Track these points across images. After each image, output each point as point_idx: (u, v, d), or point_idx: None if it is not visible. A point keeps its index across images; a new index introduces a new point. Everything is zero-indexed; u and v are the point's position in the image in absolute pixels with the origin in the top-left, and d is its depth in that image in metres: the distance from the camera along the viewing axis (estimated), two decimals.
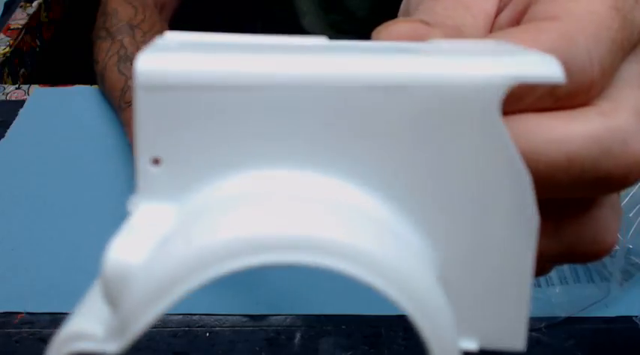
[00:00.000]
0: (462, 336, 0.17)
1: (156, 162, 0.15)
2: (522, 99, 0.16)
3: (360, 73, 0.15)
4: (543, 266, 0.20)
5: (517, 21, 0.19)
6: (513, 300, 0.16)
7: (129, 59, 0.57)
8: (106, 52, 0.59)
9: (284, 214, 0.14)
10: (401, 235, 0.15)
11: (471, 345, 0.17)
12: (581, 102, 0.17)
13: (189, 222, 0.15)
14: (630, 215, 0.46)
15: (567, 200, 0.18)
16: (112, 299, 0.15)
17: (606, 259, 0.46)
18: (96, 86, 0.64)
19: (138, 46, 0.58)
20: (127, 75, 0.56)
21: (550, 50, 0.16)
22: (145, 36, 0.59)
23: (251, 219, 0.14)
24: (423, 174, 0.15)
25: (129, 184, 0.53)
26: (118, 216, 0.58)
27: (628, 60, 0.18)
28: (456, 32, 0.19)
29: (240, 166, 0.15)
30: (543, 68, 0.15)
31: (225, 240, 0.14)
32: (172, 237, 0.15)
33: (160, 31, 0.60)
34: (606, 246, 0.19)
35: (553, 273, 0.46)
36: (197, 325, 0.43)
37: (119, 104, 0.55)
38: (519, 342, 0.17)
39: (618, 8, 0.17)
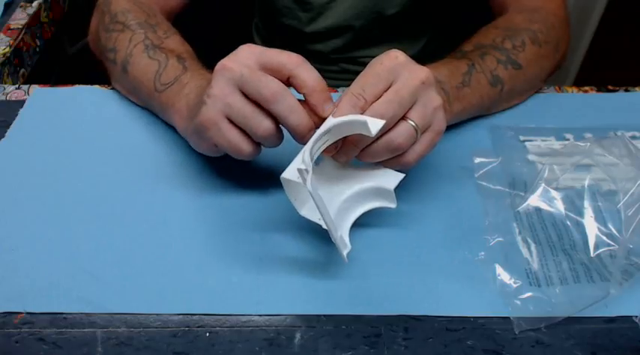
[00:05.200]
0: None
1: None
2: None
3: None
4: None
5: None
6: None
7: (157, 47, 0.56)
8: (128, 42, 0.58)
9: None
10: None
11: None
12: None
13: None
14: (629, 214, 0.46)
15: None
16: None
17: (606, 259, 0.46)
18: (96, 86, 0.64)
19: (162, 41, 0.58)
20: (160, 59, 0.55)
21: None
22: (166, 34, 0.59)
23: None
24: None
25: (128, 184, 0.53)
26: (117, 216, 0.58)
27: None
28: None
29: None
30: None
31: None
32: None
33: (176, 35, 0.59)
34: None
35: (553, 273, 0.46)
36: (197, 325, 0.43)
37: (154, 87, 0.55)
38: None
39: None
